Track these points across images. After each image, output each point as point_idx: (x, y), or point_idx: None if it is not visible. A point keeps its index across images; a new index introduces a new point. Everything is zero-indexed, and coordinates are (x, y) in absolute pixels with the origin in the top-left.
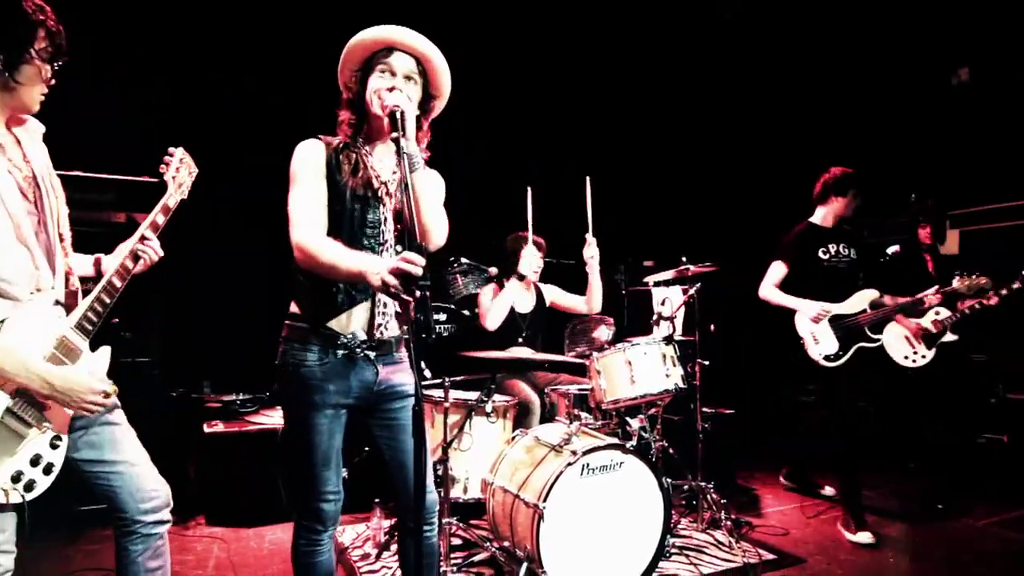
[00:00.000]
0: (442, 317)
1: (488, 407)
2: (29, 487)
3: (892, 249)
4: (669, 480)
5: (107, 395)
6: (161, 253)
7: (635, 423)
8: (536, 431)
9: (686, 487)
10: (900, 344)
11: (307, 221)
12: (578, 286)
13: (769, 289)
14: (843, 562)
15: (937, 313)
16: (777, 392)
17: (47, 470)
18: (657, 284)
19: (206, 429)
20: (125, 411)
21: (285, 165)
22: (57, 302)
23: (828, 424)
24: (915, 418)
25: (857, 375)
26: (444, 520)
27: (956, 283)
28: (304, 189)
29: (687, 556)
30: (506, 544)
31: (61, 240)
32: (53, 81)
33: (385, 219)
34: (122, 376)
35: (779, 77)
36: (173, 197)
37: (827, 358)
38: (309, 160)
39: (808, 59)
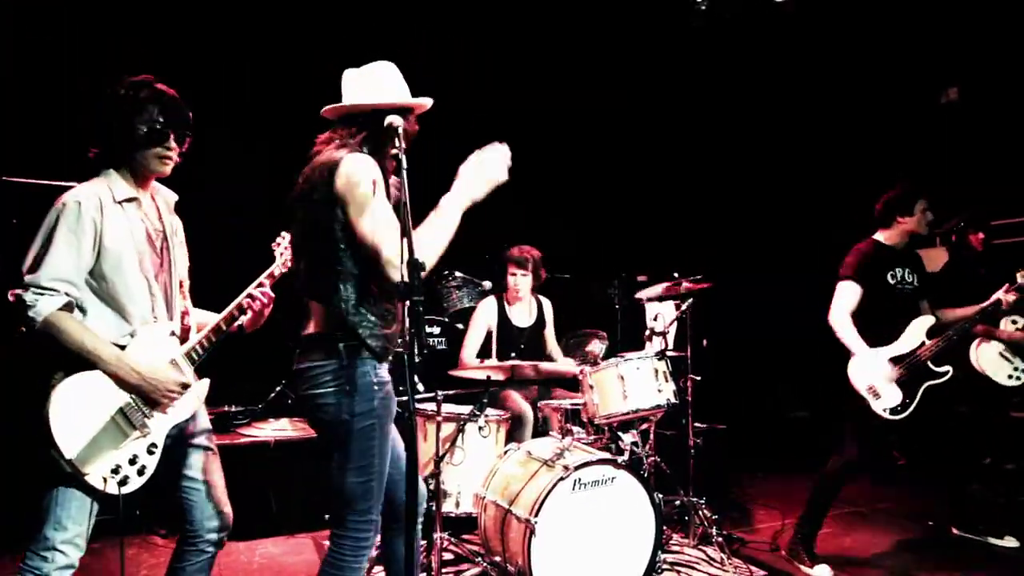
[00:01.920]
0: (436, 330)
1: (480, 421)
2: (124, 482)
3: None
4: (661, 495)
5: (185, 386)
6: (268, 303)
7: (627, 438)
8: (528, 445)
9: (678, 502)
10: (1000, 363)
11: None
12: (573, 300)
13: (844, 318)
14: None
15: (1015, 322)
16: (770, 407)
17: (140, 471)
18: (650, 299)
19: None
20: None
21: (280, 169)
22: (172, 333)
23: (852, 435)
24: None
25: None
26: (436, 534)
27: (1020, 277)
28: (388, 208)
29: (678, 572)
30: (497, 559)
31: (181, 286)
32: (175, 148)
33: None
34: None
35: (771, 91)
36: (279, 268)
37: (893, 411)
38: (379, 179)
39: (799, 74)
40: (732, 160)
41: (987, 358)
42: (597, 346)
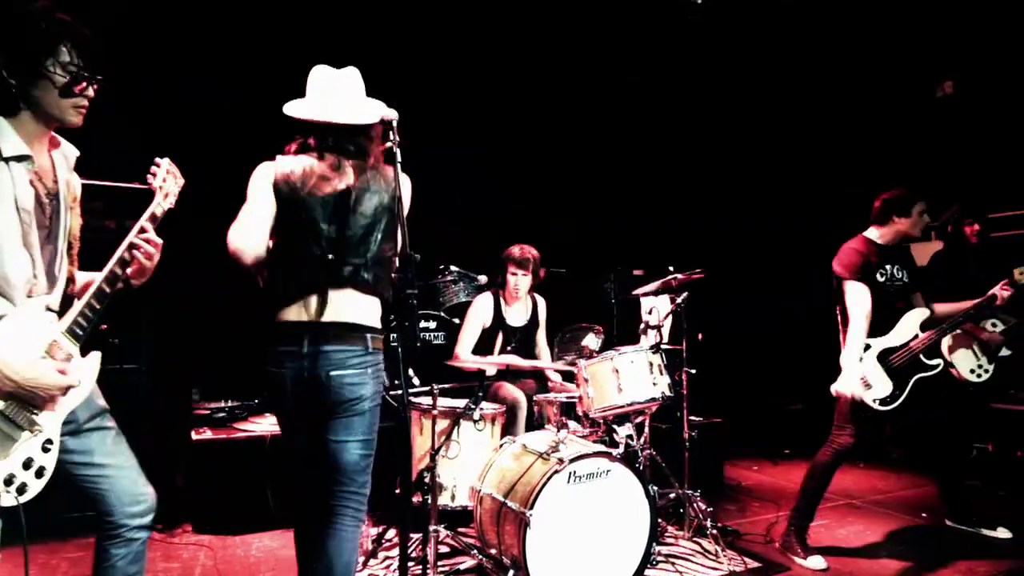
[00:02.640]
0: (432, 324)
1: (476, 414)
2: (21, 490)
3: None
4: (656, 488)
5: (69, 387)
6: (154, 251)
7: (622, 431)
8: (524, 438)
9: (673, 495)
10: (967, 356)
11: None
12: (569, 294)
13: (866, 321)
14: (828, 571)
15: (995, 324)
16: (764, 400)
17: (39, 473)
18: (646, 294)
19: (194, 436)
20: (113, 417)
21: None
22: (48, 308)
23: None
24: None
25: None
26: (432, 527)
27: (1017, 274)
28: None
29: (673, 564)
30: (493, 552)
31: (70, 248)
32: (89, 93)
33: None
34: (110, 382)
35: (766, 85)
36: (160, 206)
37: (883, 402)
38: None
39: (794, 68)
40: (728, 154)
41: (958, 350)
42: (592, 340)
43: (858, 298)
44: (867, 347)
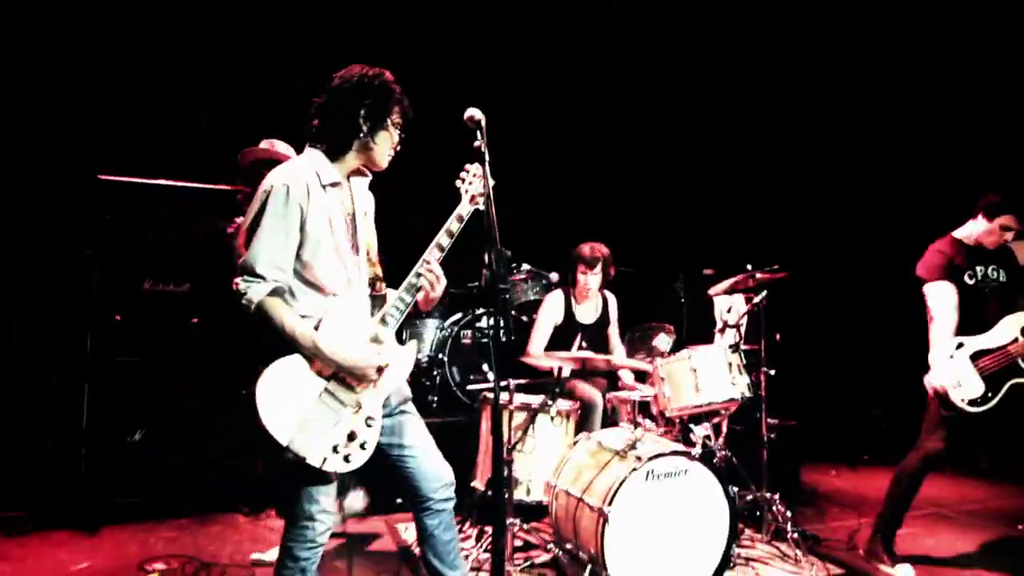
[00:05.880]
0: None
1: (552, 410)
2: (347, 459)
3: None
4: (735, 488)
5: (381, 369)
6: (439, 280)
7: (699, 431)
8: (599, 436)
9: (750, 497)
10: None
11: None
12: (639, 293)
13: (950, 318)
14: None
15: None
16: (842, 405)
17: (363, 446)
18: (719, 293)
19: None
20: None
21: None
22: (371, 303)
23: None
24: None
25: None
26: (508, 520)
27: None
28: None
29: (752, 567)
30: (569, 547)
31: (368, 255)
32: (399, 147)
33: None
34: (203, 371)
35: (845, 78)
36: (465, 207)
37: (973, 403)
38: None
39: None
40: (802, 150)
41: None
42: (663, 340)
43: (940, 297)
44: (960, 345)
